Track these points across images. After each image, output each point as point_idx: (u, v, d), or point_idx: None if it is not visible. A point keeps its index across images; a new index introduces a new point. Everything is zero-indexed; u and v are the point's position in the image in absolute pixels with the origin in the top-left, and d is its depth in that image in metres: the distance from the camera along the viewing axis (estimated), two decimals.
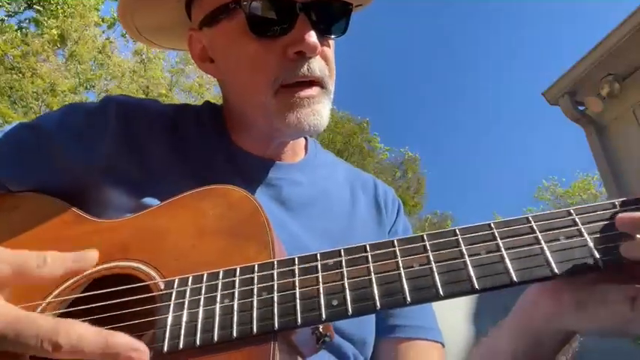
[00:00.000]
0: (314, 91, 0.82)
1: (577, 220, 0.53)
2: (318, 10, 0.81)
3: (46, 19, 13.97)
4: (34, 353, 0.48)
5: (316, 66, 0.81)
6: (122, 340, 0.48)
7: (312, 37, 0.78)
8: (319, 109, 0.82)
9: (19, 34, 13.72)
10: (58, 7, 13.86)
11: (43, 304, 0.62)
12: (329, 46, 0.86)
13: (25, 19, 14.36)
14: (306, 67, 0.80)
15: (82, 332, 0.47)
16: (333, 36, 0.87)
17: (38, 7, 13.99)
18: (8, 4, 13.29)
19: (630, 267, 0.51)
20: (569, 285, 0.57)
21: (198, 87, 18.26)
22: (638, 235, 0.49)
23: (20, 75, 13.36)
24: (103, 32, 15.53)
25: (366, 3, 1.00)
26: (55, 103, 13.99)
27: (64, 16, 14.01)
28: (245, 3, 0.78)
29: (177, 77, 18.13)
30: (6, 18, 13.65)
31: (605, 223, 0.52)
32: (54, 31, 13.93)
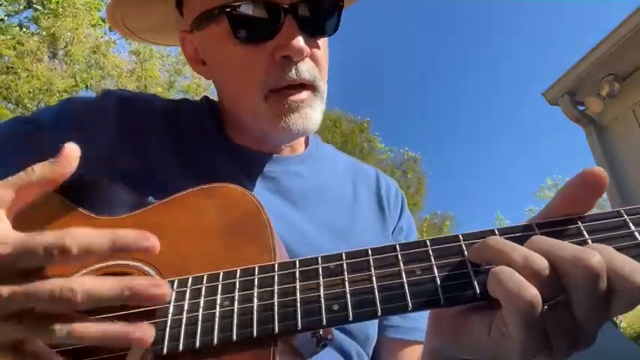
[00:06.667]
0: (304, 95, 0.80)
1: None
2: (305, 10, 0.78)
3: (45, 18, 13.94)
4: (44, 263, 0.47)
5: (304, 69, 0.79)
6: (129, 232, 0.48)
7: (298, 41, 0.76)
8: (309, 113, 0.81)
9: (19, 32, 13.67)
10: (58, 5, 13.82)
11: None
12: (318, 46, 0.83)
13: (25, 18, 14.36)
14: (294, 70, 0.78)
15: (86, 231, 0.47)
16: (322, 35, 0.84)
17: (37, 7, 13.96)
18: (8, 3, 13.26)
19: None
20: (447, 312, 0.53)
21: (196, 87, 18.23)
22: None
23: (16, 75, 13.30)
24: (105, 34, 15.48)
25: None
26: (52, 103, 13.95)
27: (59, 15, 13.94)
28: (228, 9, 0.76)
29: (175, 78, 18.07)
30: (6, 18, 13.62)
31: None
32: (46, 32, 13.88)
